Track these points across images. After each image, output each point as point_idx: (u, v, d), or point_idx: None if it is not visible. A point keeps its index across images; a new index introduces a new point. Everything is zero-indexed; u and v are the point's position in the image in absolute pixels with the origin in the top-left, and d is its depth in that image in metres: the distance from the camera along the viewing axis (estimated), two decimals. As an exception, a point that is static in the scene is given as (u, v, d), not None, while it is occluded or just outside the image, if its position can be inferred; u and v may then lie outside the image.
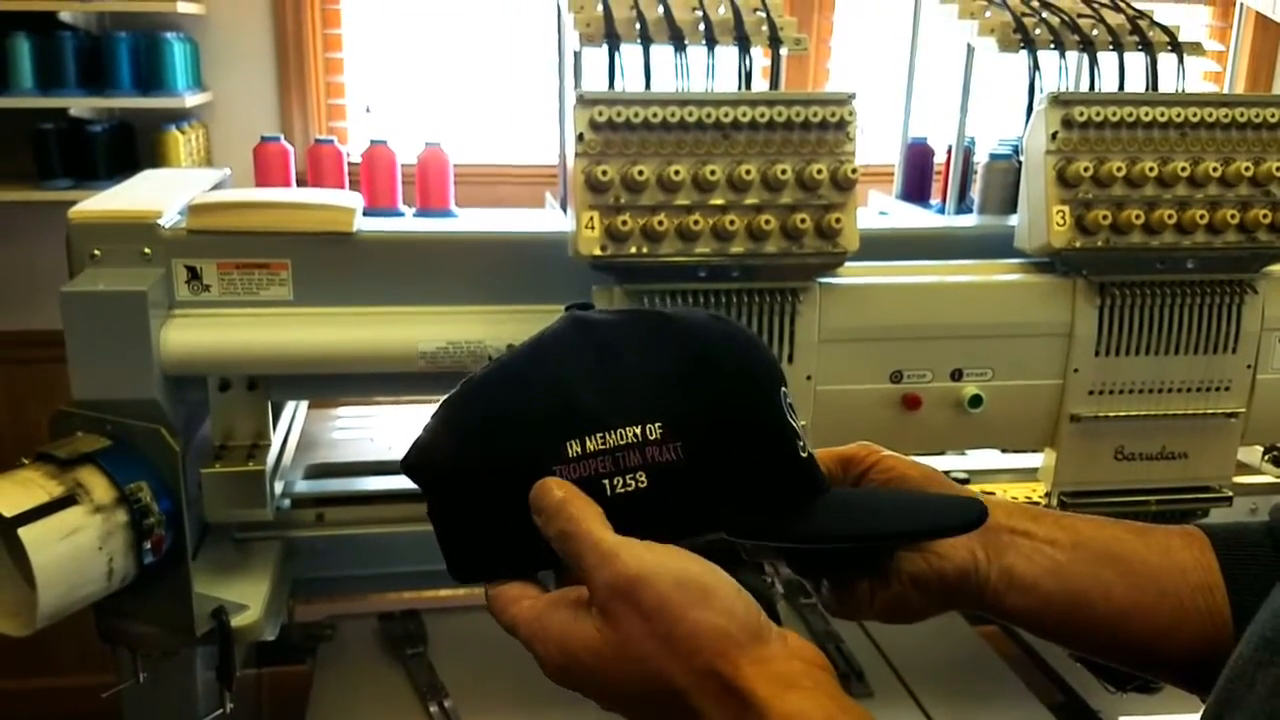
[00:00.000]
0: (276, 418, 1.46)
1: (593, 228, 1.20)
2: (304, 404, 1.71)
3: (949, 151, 1.53)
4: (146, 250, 1.27)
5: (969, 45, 1.43)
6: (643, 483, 0.51)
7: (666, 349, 0.54)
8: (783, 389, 0.58)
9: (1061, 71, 1.40)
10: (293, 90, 2.42)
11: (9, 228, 2.36)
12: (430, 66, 2.63)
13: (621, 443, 0.51)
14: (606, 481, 0.51)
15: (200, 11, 2.31)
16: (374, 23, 2.57)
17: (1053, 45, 1.39)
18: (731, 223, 1.20)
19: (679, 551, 0.50)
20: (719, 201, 1.21)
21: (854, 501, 0.61)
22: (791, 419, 0.58)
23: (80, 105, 2.16)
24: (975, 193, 1.54)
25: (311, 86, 2.45)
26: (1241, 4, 1.75)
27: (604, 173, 1.18)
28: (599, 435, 0.51)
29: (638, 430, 0.50)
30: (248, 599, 1.30)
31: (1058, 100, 1.25)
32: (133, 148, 2.30)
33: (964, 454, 1.59)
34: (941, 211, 1.56)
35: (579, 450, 0.51)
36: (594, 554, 0.49)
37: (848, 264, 1.28)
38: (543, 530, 0.51)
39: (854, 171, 1.22)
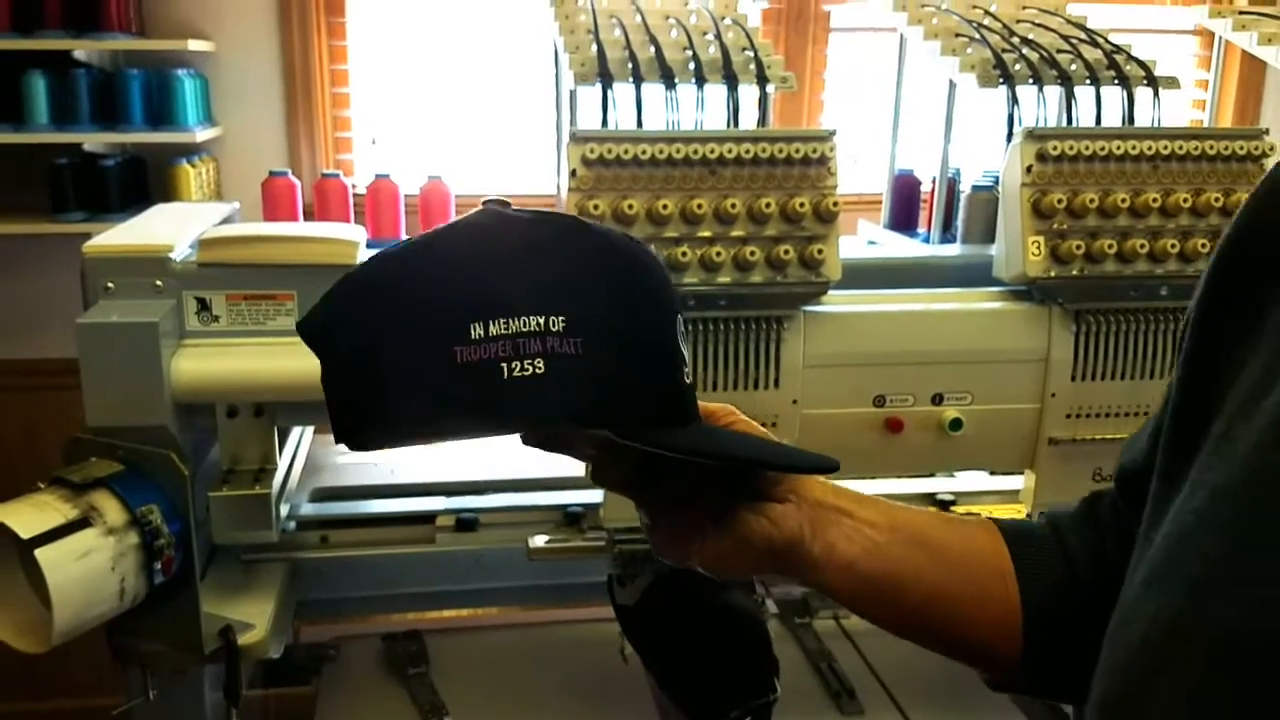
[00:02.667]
0: (282, 443, 1.51)
1: (585, 259, 1.25)
2: (309, 429, 1.76)
3: (933, 182, 1.58)
4: (158, 283, 1.32)
5: (951, 81, 1.48)
6: (540, 369, 0.52)
7: (582, 253, 0.57)
8: (679, 316, 0.62)
9: (1040, 105, 1.45)
10: (300, 123, 2.48)
11: (24, 259, 2.42)
12: (433, 99, 2.69)
13: (525, 330, 0.52)
14: (505, 365, 0.52)
15: (210, 49, 2.38)
16: (379, 58, 2.64)
17: (1031, 80, 1.44)
18: (718, 254, 1.25)
19: None
20: (706, 234, 1.26)
21: (723, 433, 0.65)
22: (683, 346, 0.61)
23: (94, 140, 2.21)
24: (959, 222, 1.59)
25: (318, 120, 2.50)
26: (1220, 37, 1.80)
27: (595, 207, 1.24)
28: (503, 320, 0.52)
29: (541, 320, 0.52)
30: (254, 618, 1.34)
31: (1032, 135, 1.30)
32: (144, 181, 2.36)
33: (953, 475, 1.63)
34: (927, 240, 1.61)
35: (482, 333, 0.52)
36: None
37: (831, 292, 1.33)
38: None
39: (835, 205, 1.26)
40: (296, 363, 1.34)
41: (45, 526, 1.12)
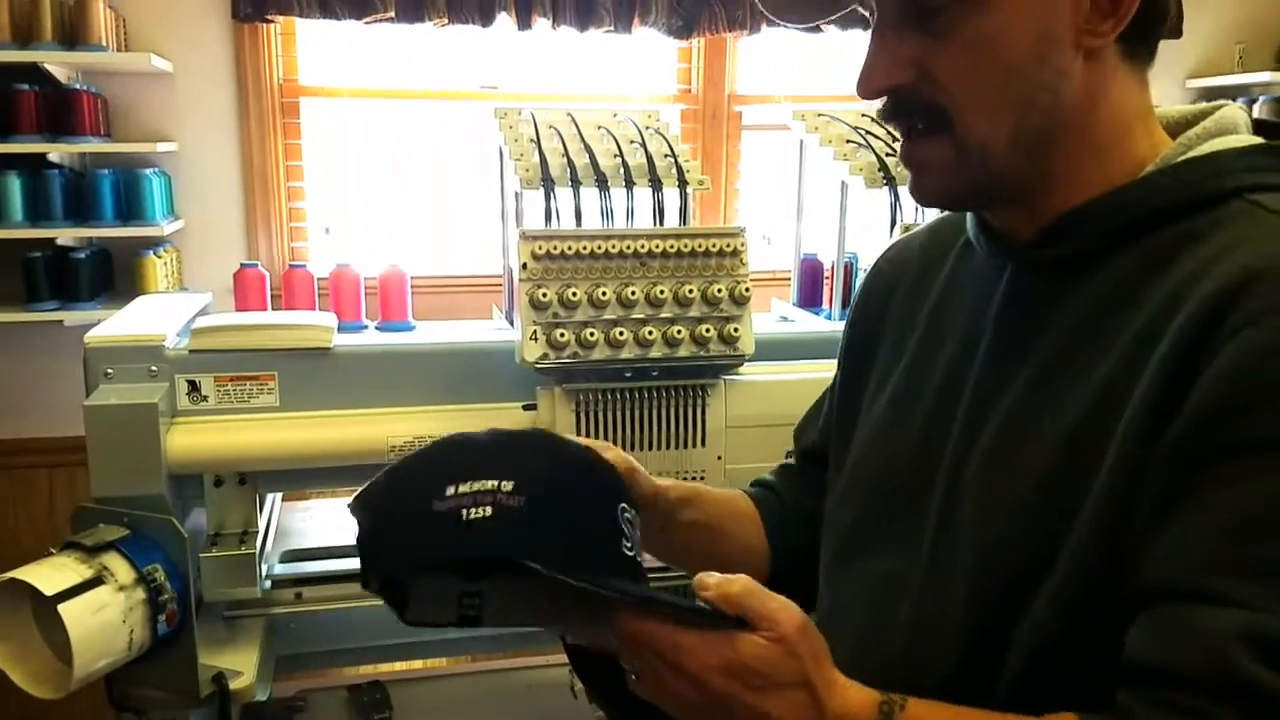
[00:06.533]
0: (259, 509, 1.66)
1: (536, 339, 1.45)
2: (279, 496, 1.91)
3: (832, 267, 1.81)
4: (153, 368, 1.48)
5: (843, 182, 1.73)
6: (488, 513, 0.70)
7: (538, 451, 0.77)
8: (621, 505, 0.76)
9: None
10: (258, 215, 2.66)
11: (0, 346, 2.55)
12: (382, 190, 2.90)
13: (483, 489, 0.71)
14: (465, 511, 0.71)
15: (174, 148, 2.56)
16: (331, 153, 2.84)
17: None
18: (650, 333, 1.46)
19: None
20: (640, 316, 1.48)
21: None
22: (626, 527, 0.76)
23: (66, 235, 2.36)
24: (857, 300, 1.82)
25: (275, 212, 2.69)
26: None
27: (544, 294, 1.44)
28: (469, 482, 0.72)
29: (495, 484, 0.71)
30: (241, 666, 1.49)
31: (906, 229, 1.54)
32: (110, 272, 2.51)
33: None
34: (830, 317, 1.84)
35: (454, 491, 0.71)
36: (774, 601, 0.70)
37: (749, 364, 1.55)
38: (727, 586, 0.71)
39: (747, 290, 1.49)
40: (277, 435, 1.53)
41: (66, 585, 1.28)
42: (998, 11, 0.68)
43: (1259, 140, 0.73)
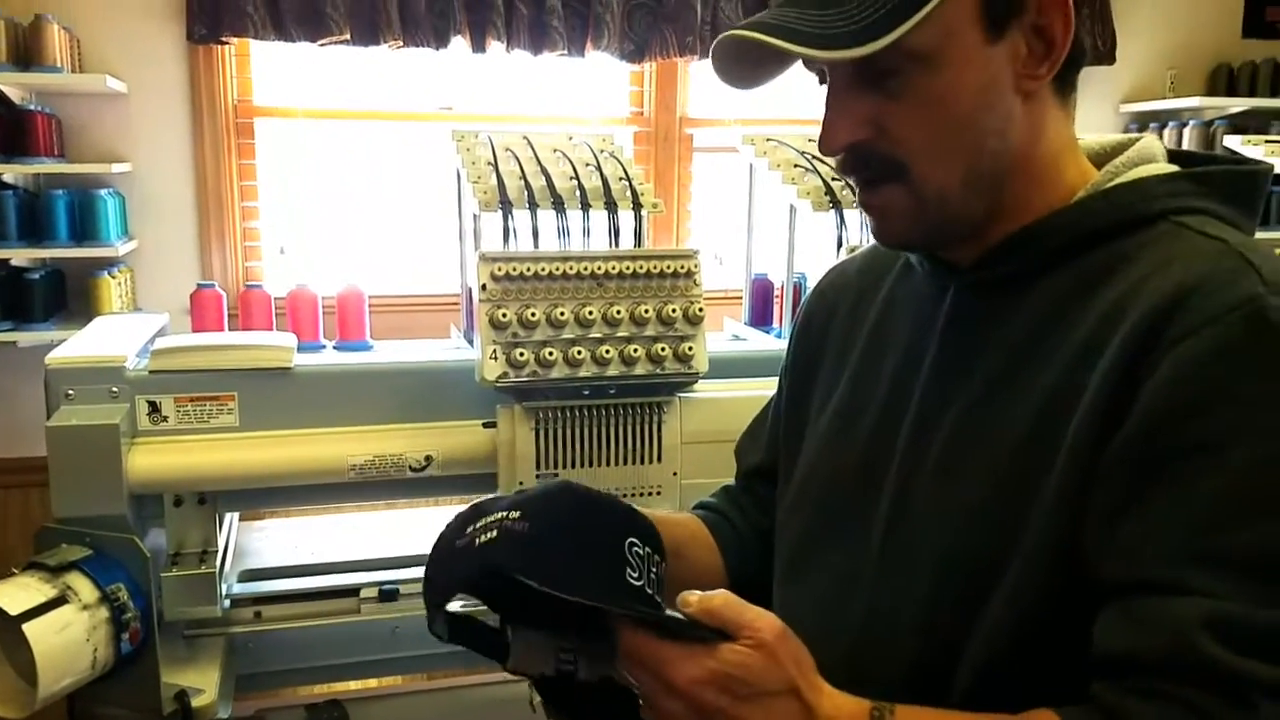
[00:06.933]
0: (218, 528, 1.68)
1: (495, 358, 1.49)
2: (235, 516, 1.93)
3: (782, 287, 1.87)
4: (114, 389, 1.49)
5: (791, 205, 1.79)
6: (493, 535, 0.76)
7: (555, 491, 0.81)
8: (630, 540, 0.79)
9: (863, 227, 1.76)
10: (212, 235, 2.67)
11: (-48, 367, 2.52)
12: (336, 208, 2.92)
13: (492, 520, 0.77)
14: (477, 538, 0.77)
15: (128, 169, 2.56)
16: (285, 172, 2.86)
17: (856, 205, 1.75)
18: (607, 351, 1.51)
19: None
20: (597, 335, 1.52)
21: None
22: (634, 559, 0.78)
23: (20, 255, 2.35)
24: (806, 318, 1.88)
25: (229, 232, 2.70)
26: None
27: (503, 314, 1.48)
28: (485, 519, 0.78)
29: (504, 514, 0.77)
30: (202, 684, 1.51)
31: (852, 250, 1.60)
32: (64, 292, 2.51)
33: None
34: (780, 335, 1.90)
35: (472, 529, 0.78)
36: (751, 611, 0.73)
37: (702, 382, 1.60)
38: (709, 600, 0.73)
39: (701, 310, 1.54)
40: (237, 455, 1.55)
41: (30, 604, 1.29)
42: (946, 69, 0.73)
43: (1177, 168, 0.79)
